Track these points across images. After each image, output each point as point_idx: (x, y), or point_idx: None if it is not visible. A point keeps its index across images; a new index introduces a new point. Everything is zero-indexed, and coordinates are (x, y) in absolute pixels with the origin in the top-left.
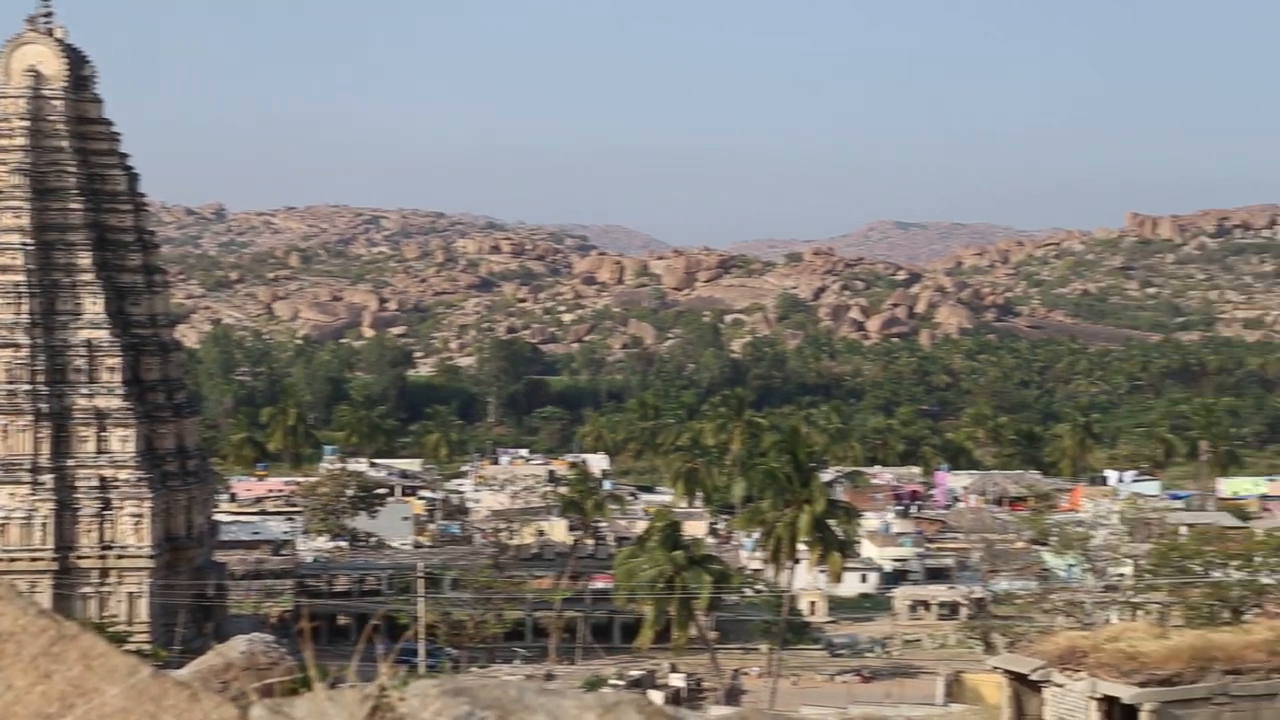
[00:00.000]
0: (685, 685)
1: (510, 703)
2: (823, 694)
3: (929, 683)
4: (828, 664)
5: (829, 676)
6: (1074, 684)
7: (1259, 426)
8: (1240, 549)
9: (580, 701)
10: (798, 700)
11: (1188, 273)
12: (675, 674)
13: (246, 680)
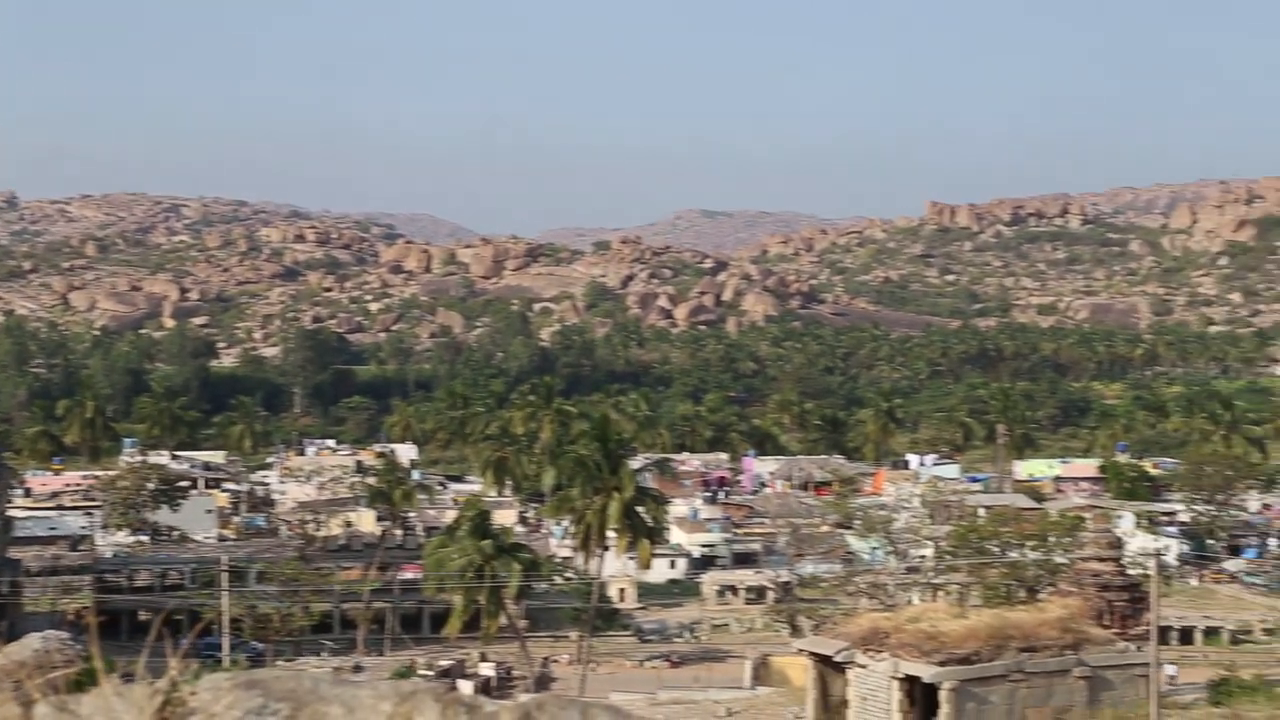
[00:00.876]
0: (495, 674)
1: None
2: (632, 679)
3: (737, 666)
4: (637, 650)
5: (638, 662)
6: (876, 664)
7: (1052, 410)
8: (1035, 530)
9: (376, 692)
10: (607, 686)
11: (985, 260)
12: (485, 663)
13: (38, 679)
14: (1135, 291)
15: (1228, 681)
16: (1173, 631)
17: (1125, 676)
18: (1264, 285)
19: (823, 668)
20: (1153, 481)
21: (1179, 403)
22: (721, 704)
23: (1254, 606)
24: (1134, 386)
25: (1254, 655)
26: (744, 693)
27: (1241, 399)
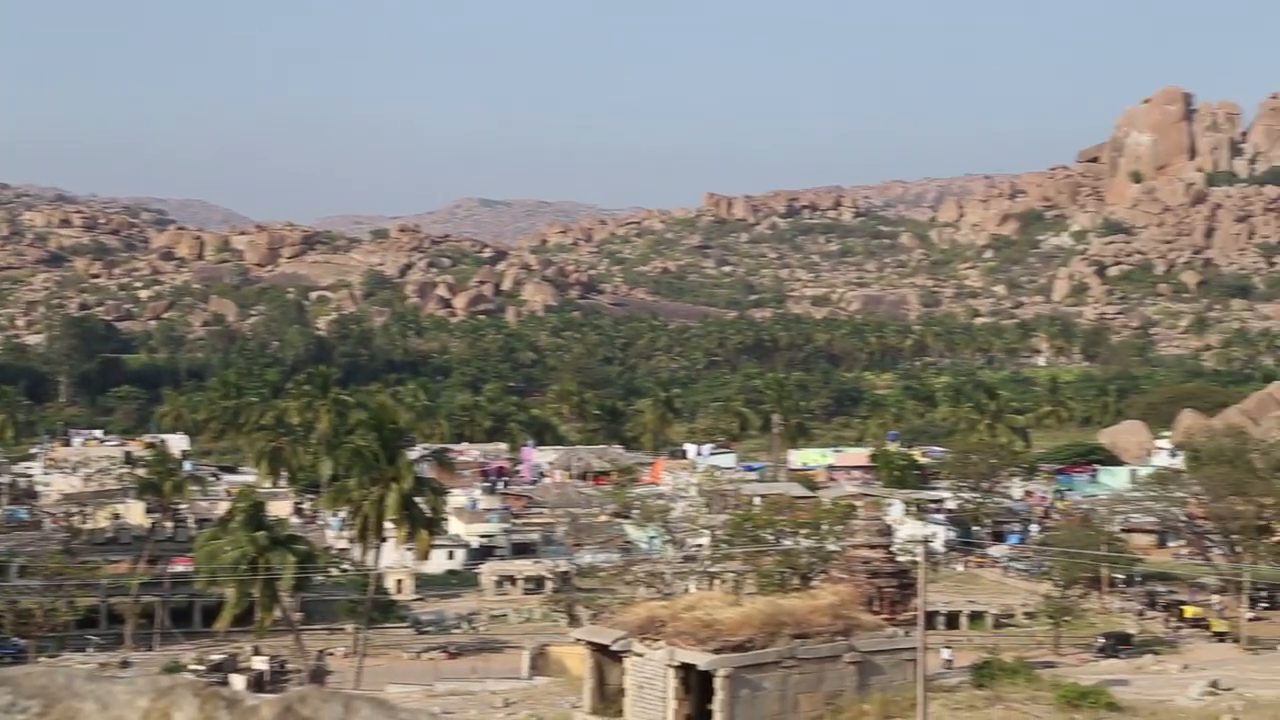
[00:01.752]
0: (269, 668)
1: (58, 691)
2: (409, 671)
3: (514, 656)
4: (414, 641)
5: (415, 654)
6: (653, 653)
7: (826, 400)
8: (808, 518)
9: (133, 687)
10: (384, 679)
11: (760, 252)
12: (258, 657)
13: None
14: (905, 283)
15: (990, 664)
16: (939, 616)
17: (894, 661)
18: (1026, 278)
19: (600, 657)
20: (921, 470)
21: (947, 392)
22: (499, 694)
23: (1016, 591)
24: (904, 376)
25: (1016, 638)
26: (521, 683)
27: (1005, 389)
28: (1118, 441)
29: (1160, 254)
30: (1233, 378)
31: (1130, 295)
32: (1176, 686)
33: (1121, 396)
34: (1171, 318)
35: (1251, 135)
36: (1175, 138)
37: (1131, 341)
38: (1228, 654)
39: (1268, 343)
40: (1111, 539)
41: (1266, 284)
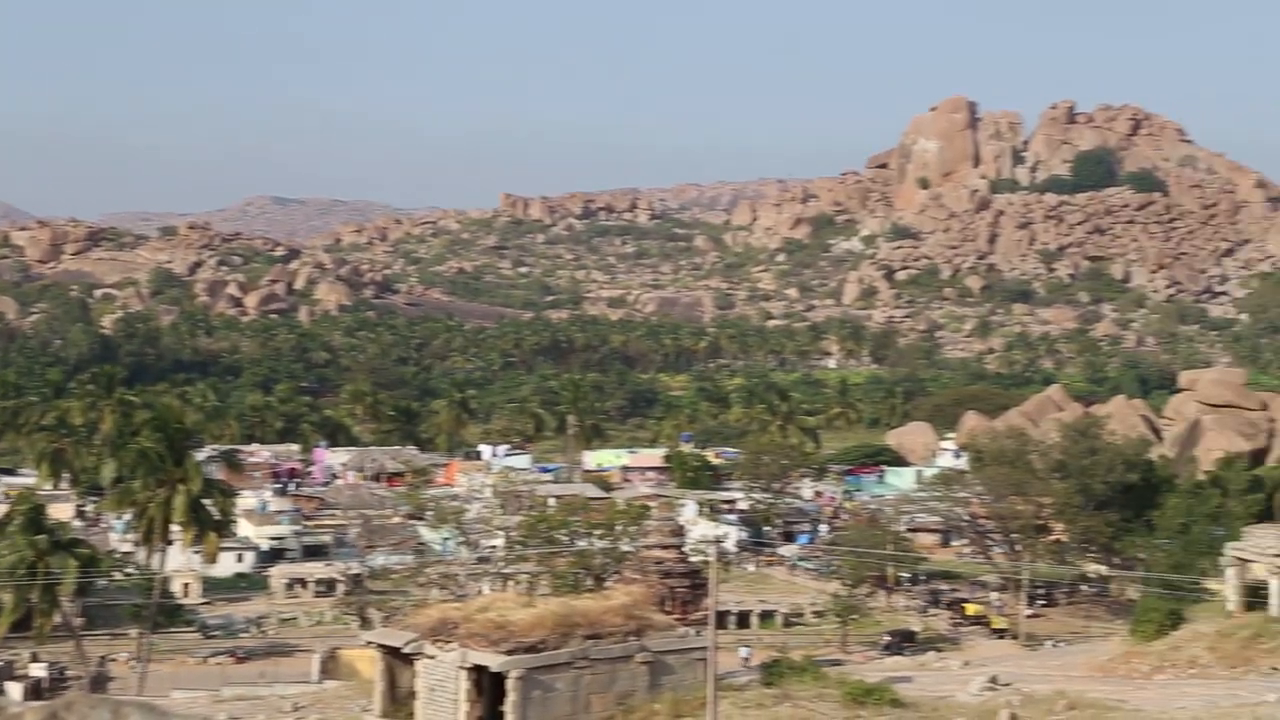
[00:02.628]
0: (47, 675)
1: None
2: (195, 677)
3: (304, 660)
4: (201, 646)
5: (202, 659)
6: (445, 655)
7: (621, 401)
8: (603, 519)
9: None
10: (169, 684)
11: (557, 253)
12: (36, 664)
13: None
14: (700, 286)
15: (779, 662)
16: (731, 616)
17: (685, 660)
18: (818, 281)
19: (391, 659)
20: (714, 471)
21: (740, 394)
22: (288, 699)
23: (806, 590)
24: (698, 378)
25: (804, 636)
26: (311, 687)
27: (797, 391)
28: (904, 443)
29: (946, 259)
30: (1014, 380)
31: (917, 299)
32: (958, 682)
33: (908, 398)
34: (956, 321)
35: (1032, 144)
36: (960, 145)
37: (918, 344)
38: (1007, 650)
39: (1047, 346)
40: (897, 538)
41: (1046, 289)
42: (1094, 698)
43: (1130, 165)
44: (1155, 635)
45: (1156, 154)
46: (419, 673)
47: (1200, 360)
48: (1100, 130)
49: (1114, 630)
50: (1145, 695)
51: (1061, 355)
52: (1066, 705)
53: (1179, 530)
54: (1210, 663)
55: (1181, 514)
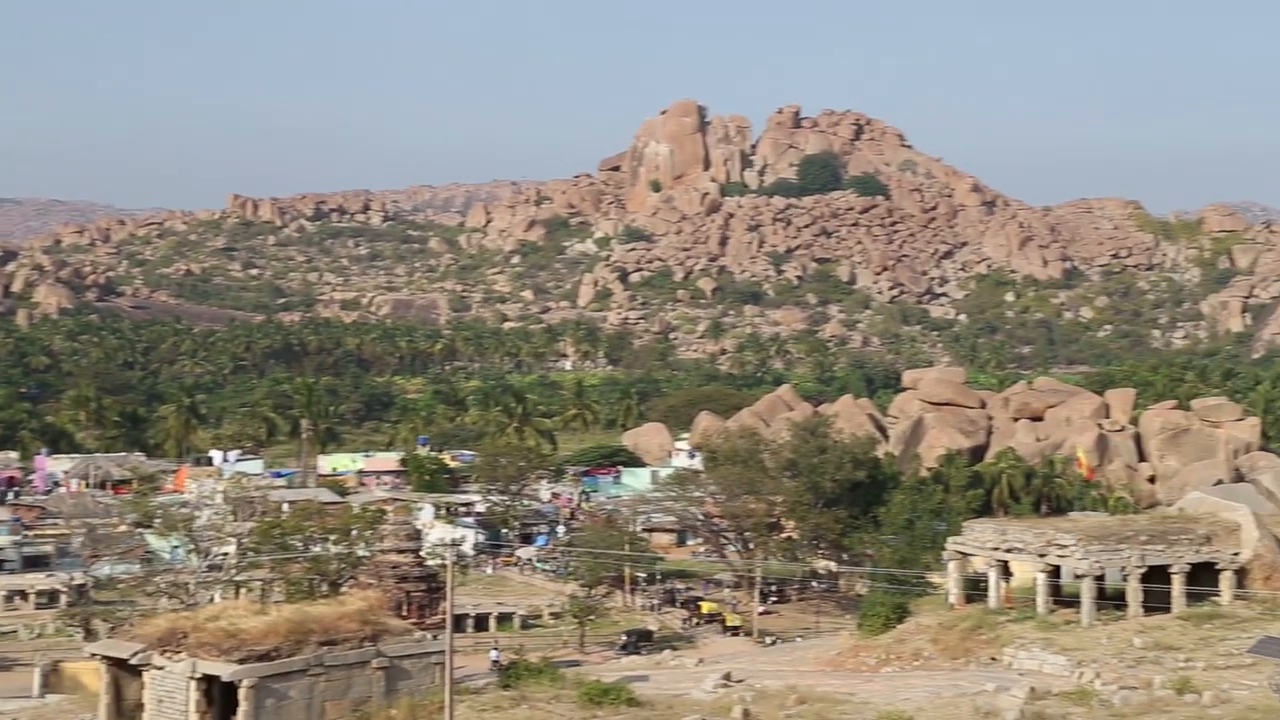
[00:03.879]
0: None
1: None
2: None
3: (25, 674)
4: None
5: None
6: (174, 665)
7: (356, 404)
8: (338, 523)
9: None
10: None
11: (289, 255)
12: None
13: None
14: (435, 288)
15: (516, 665)
16: (469, 619)
17: (422, 665)
18: (553, 283)
19: (117, 671)
20: (451, 473)
21: (476, 397)
22: (7, 714)
23: (543, 591)
24: (434, 381)
25: (542, 638)
26: (32, 701)
27: (533, 393)
28: (640, 443)
29: (679, 261)
30: (746, 381)
31: (651, 301)
32: (693, 680)
33: (643, 399)
34: (690, 323)
35: (760, 148)
36: (691, 149)
37: (653, 346)
38: (740, 647)
39: (777, 347)
40: (634, 538)
41: (775, 291)
42: (824, 691)
43: (854, 169)
44: (882, 629)
45: (878, 158)
46: (147, 684)
47: (922, 360)
48: (825, 135)
49: (843, 625)
50: (873, 687)
51: (791, 356)
52: (797, 699)
53: (904, 526)
54: (933, 654)
55: (906, 510)
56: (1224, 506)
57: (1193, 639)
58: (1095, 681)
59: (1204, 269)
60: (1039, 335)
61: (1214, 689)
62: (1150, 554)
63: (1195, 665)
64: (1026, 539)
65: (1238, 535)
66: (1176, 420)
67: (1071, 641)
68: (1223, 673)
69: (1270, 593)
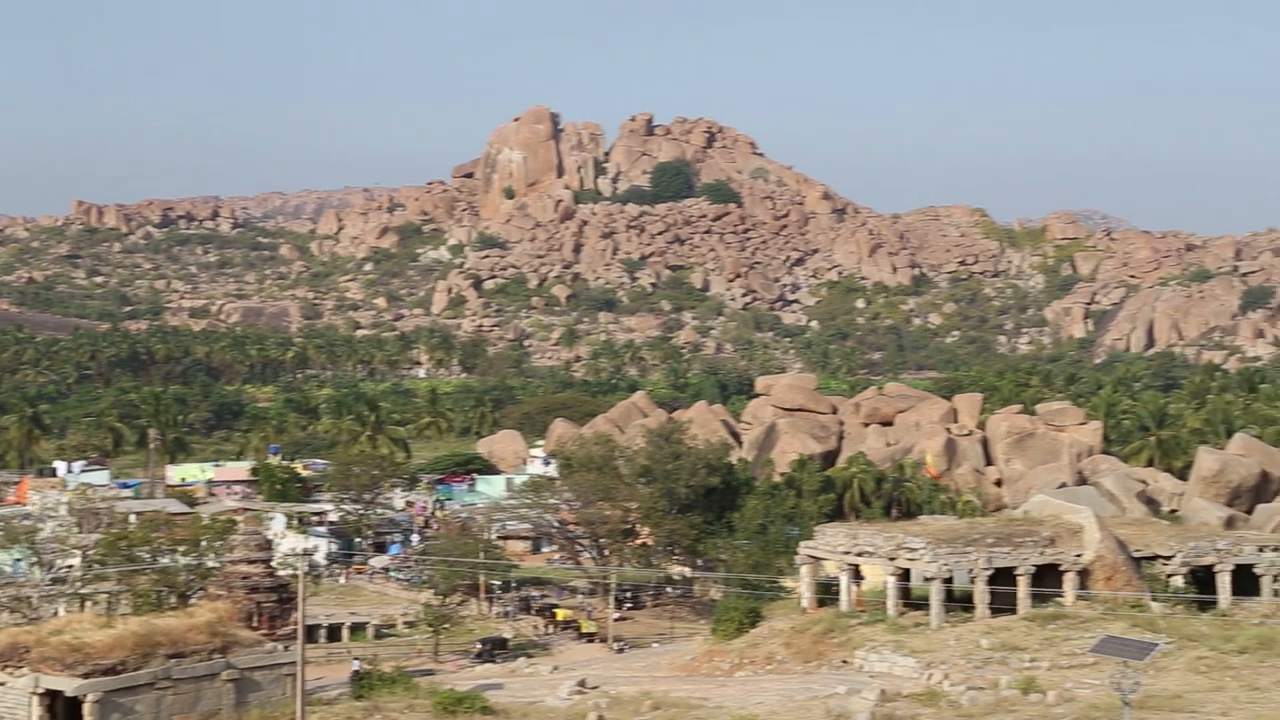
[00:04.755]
0: None
1: None
2: None
3: None
4: None
5: None
6: (16, 681)
7: (206, 414)
8: (187, 534)
9: None
10: None
11: (135, 262)
12: None
13: None
14: (286, 295)
15: (370, 674)
16: (321, 630)
17: (273, 676)
18: (406, 291)
19: None
20: (303, 483)
21: (329, 405)
22: None
23: (397, 600)
24: (285, 389)
25: (396, 647)
26: None
27: (387, 401)
28: (494, 451)
29: (533, 268)
30: (601, 388)
31: (505, 308)
32: (548, 687)
33: (498, 407)
34: (544, 330)
35: (614, 155)
36: (544, 156)
37: (507, 353)
38: (595, 653)
39: (632, 354)
40: (488, 546)
41: (630, 298)
42: (678, 697)
43: (706, 177)
44: (735, 634)
45: (730, 166)
46: None
47: (775, 366)
48: (678, 142)
49: (697, 630)
50: (726, 692)
51: (645, 362)
52: (652, 705)
53: (757, 531)
54: (786, 658)
55: (759, 515)
56: (1067, 509)
57: (1038, 639)
58: (944, 683)
59: (1047, 276)
60: (889, 341)
61: (1058, 688)
62: (997, 556)
63: (1040, 665)
64: (877, 543)
65: (1080, 537)
66: (1022, 425)
67: (921, 643)
68: (1066, 672)
69: (1111, 593)
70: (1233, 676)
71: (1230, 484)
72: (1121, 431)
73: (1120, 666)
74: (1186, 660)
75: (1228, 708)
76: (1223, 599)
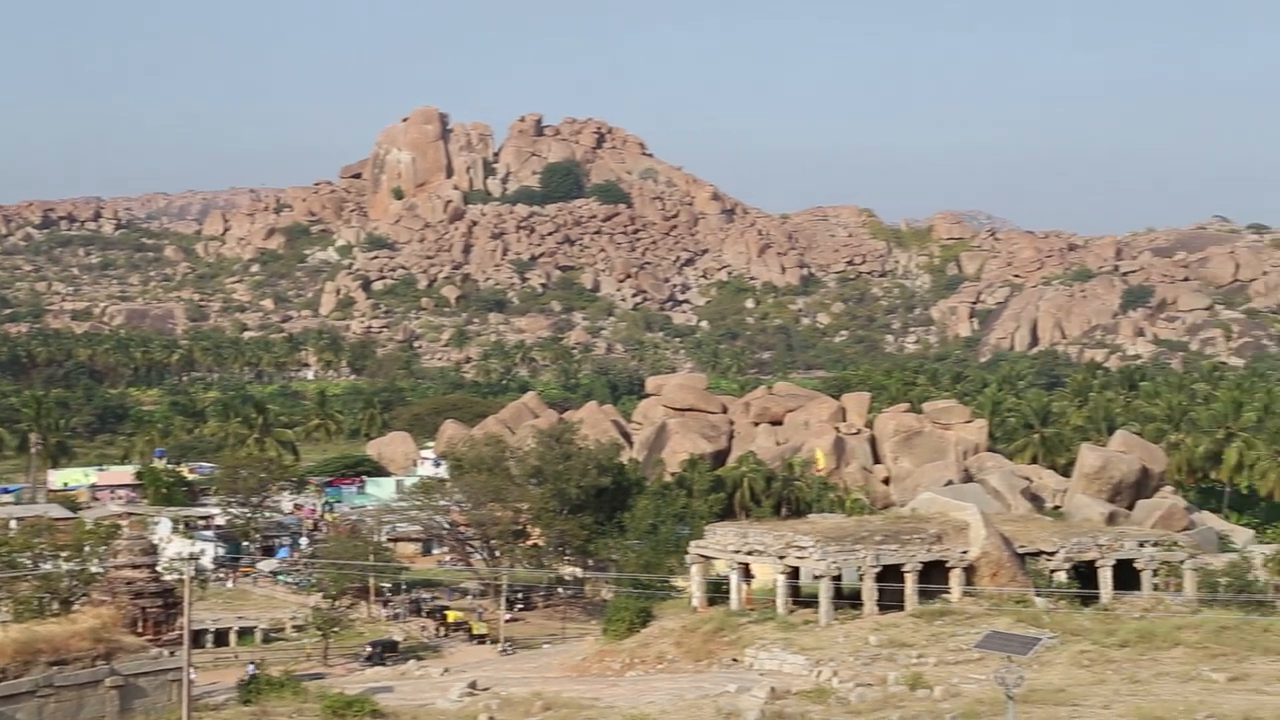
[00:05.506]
0: None
1: None
2: None
3: None
4: None
5: None
6: None
7: (89, 417)
8: (70, 540)
9: None
10: None
11: (15, 264)
12: None
13: None
14: (171, 297)
15: (257, 679)
16: (208, 634)
17: (158, 683)
18: (294, 292)
19: None
20: (190, 486)
21: (215, 408)
22: None
23: (286, 604)
24: (171, 392)
25: (284, 652)
26: None
27: (275, 403)
28: (384, 453)
29: (423, 269)
30: (491, 389)
31: (395, 309)
32: (439, 689)
33: (387, 408)
34: (434, 331)
35: (503, 156)
36: (433, 156)
37: (397, 354)
38: (486, 655)
39: (522, 355)
40: (378, 548)
41: (520, 298)
42: (569, 697)
43: (596, 178)
44: (626, 633)
45: (620, 167)
46: None
47: (665, 366)
48: (567, 143)
49: (589, 630)
50: (617, 692)
51: (536, 363)
52: (543, 706)
53: (648, 530)
54: (677, 657)
55: (650, 515)
56: (954, 506)
57: (925, 636)
58: (833, 680)
59: (934, 275)
60: (778, 341)
61: (944, 684)
62: (885, 554)
63: (927, 661)
64: (767, 541)
65: (966, 534)
66: (909, 423)
67: (810, 641)
68: (953, 668)
69: (997, 589)
70: (1114, 670)
71: (1112, 480)
72: (1007, 429)
73: (1004, 661)
74: (1069, 654)
75: (1109, 701)
76: (1104, 594)
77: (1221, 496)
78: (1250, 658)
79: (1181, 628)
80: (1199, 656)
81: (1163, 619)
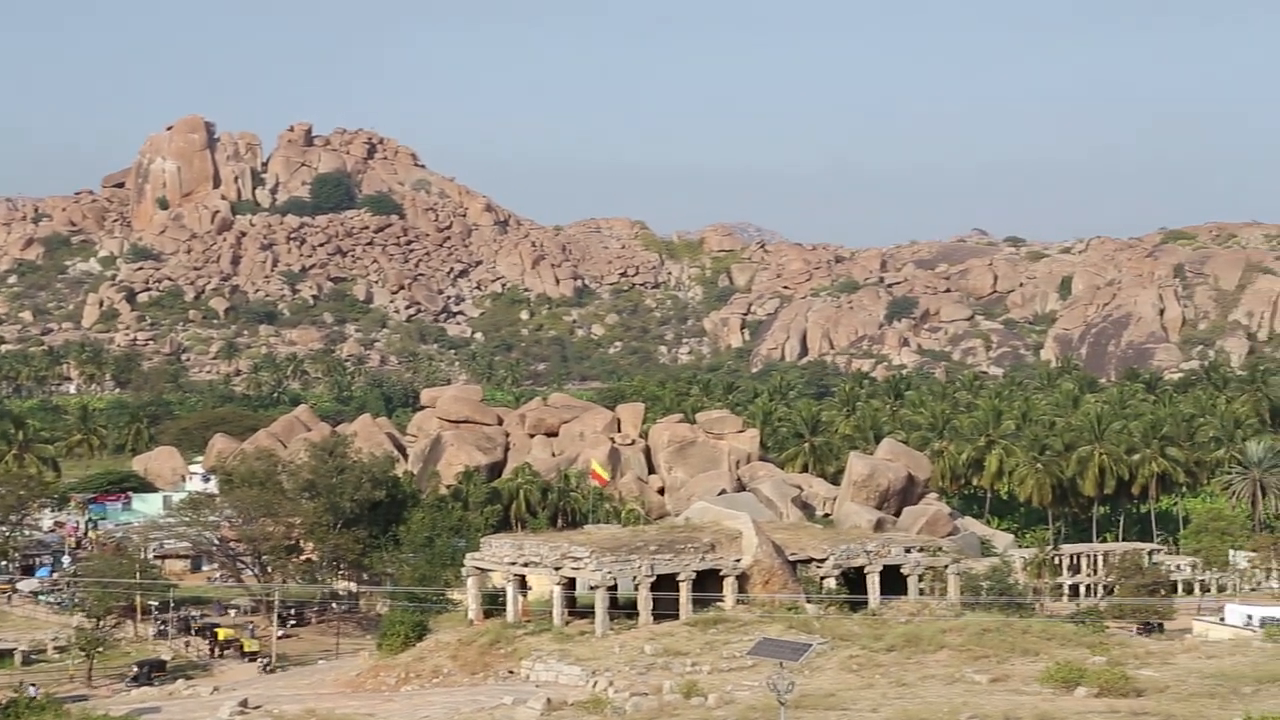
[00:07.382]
0: None
1: None
2: None
3: None
4: None
5: None
6: None
7: None
8: None
9: None
10: None
11: None
12: None
13: None
14: None
15: (17, 702)
16: None
17: None
18: (54, 304)
19: None
20: None
21: None
22: None
23: (47, 625)
24: None
25: (46, 674)
26: None
27: (35, 418)
28: (151, 468)
29: (190, 280)
30: (262, 402)
31: (161, 321)
32: (209, 709)
33: (154, 423)
34: (202, 344)
35: (272, 165)
36: (200, 166)
37: (163, 368)
38: (258, 673)
39: (294, 367)
40: (145, 566)
41: (291, 310)
42: (343, 714)
43: (368, 188)
44: (401, 648)
45: (392, 177)
46: None
47: (440, 378)
48: (338, 153)
49: (364, 645)
50: (392, 707)
51: (308, 375)
52: None
53: (424, 544)
54: (453, 670)
55: (426, 528)
56: (727, 515)
57: (699, 644)
58: (609, 690)
59: (706, 287)
60: (553, 352)
61: (719, 691)
62: (659, 563)
63: (702, 669)
64: (542, 553)
65: (739, 543)
66: (683, 433)
67: (586, 651)
68: (727, 675)
69: (769, 596)
70: (882, 674)
71: (879, 488)
72: (778, 438)
73: (777, 668)
74: (839, 659)
75: (877, 704)
76: (873, 599)
77: (983, 502)
78: (1010, 659)
79: (946, 631)
80: (963, 659)
81: (928, 623)
